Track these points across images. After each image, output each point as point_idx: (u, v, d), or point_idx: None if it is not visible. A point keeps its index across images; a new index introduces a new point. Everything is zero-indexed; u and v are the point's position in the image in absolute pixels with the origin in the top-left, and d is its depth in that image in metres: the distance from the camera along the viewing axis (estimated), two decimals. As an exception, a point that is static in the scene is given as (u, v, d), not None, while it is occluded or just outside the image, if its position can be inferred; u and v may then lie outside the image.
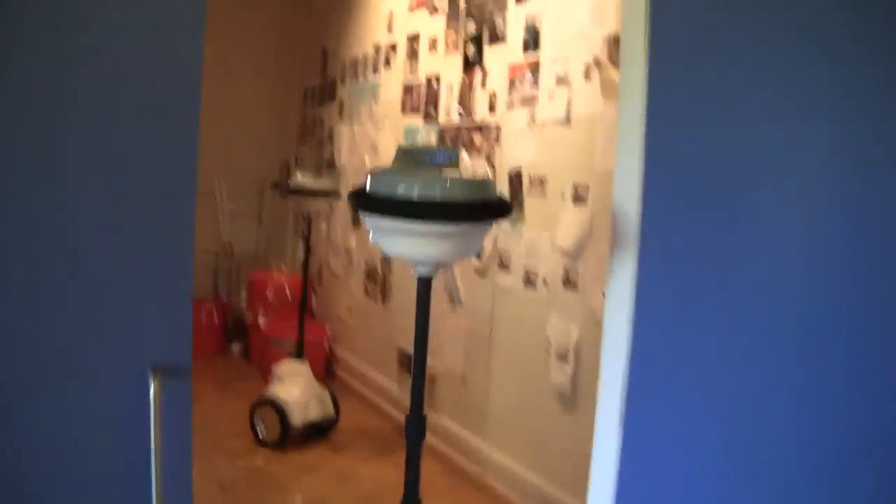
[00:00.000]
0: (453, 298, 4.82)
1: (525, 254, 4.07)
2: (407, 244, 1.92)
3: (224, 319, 7.85)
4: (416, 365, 2.28)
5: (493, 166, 4.42)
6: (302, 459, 4.92)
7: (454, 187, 1.83)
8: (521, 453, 4.23)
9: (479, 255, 4.52)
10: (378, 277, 5.92)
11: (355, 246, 6.42)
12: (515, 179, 4.19)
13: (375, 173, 1.95)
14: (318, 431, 5.34)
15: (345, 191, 6.63)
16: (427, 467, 4.96)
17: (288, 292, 7.05)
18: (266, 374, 6.24)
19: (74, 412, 1.48)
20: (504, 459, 4.31)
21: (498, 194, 2.00)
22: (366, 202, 1.90)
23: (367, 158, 6.20)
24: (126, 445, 1.45)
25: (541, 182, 4.03)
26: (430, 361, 5.13)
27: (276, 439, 5.02)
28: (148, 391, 1.39)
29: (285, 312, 7.03)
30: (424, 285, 2.14)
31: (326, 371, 6.79)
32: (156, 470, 1.39)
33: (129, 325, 1.48)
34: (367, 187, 1.94)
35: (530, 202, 4.06)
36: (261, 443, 5.12)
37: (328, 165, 7.17)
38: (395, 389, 5.59)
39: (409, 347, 5.33)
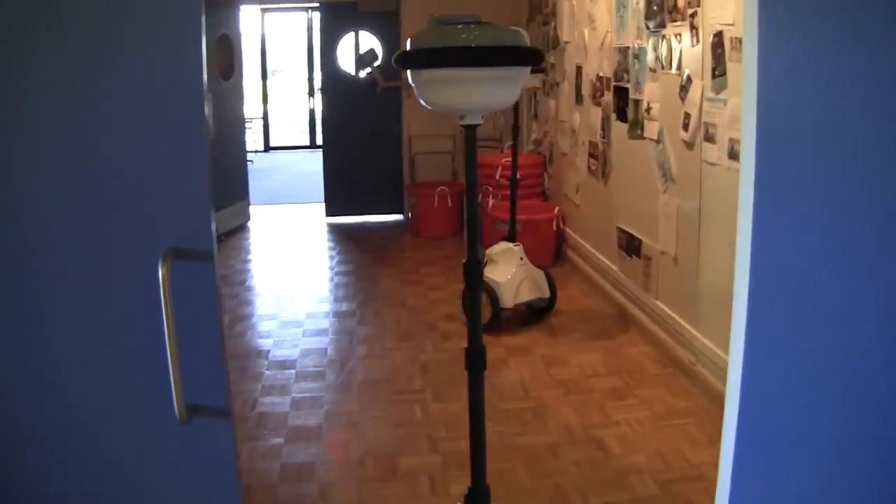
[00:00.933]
0: (665, 175, 4.58)
1: (728, 124, 3.75)
2: (448, 94, 2.20)
3: (458, 202, 8.03)
4: (469, 209, 2.52)
5: (694, 28, 4.08)
6: (513, 342, 4.99)
7: (481, 34, 2.10)
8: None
9: (685, 127, 4.24)
10: (598, 154, 5.76)
11: (579, 123, 6.25)
12: (717, 42, 3.84)
13: (414, 35, 2.18)
14: (535, 314, 5.38)
15: (569, 67, 6.47)
16: (639, 352, 4.91)
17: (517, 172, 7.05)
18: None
19: (93, 295, 1.55)
20: (714, 347, 4.10)
21: (529, 44, 2.18)
22: (407, 59, 2.18)
23: (585, 33, 5.95)
24: (147, 328, 1.50)
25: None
26: (645, 241, 4.99)
27: (488, 321, 5.12)
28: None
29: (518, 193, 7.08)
30: (470, 132, 2.31)
31: (557, 252, 6.79)
32: (171, 354, 1.43)
33: (144, 211, 1.50)
34: (408, 47, 2.17)
35: (732, 66, 3.71)
36: (474, 324, 5.26)
37: (553, 43, 6.97)
38: (616, 271, 5.48)
39: (629, 227, 5.17)
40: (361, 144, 8.81)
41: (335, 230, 8.53)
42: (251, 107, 16.31)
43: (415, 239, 7.96)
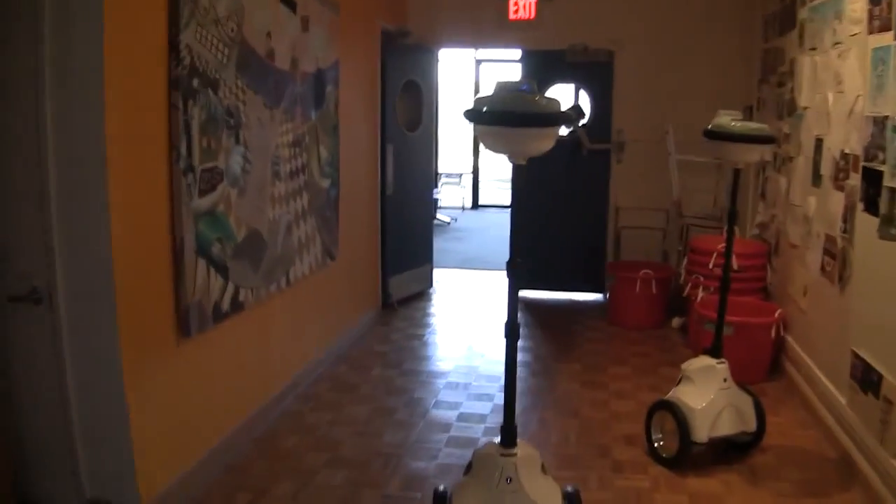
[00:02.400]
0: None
1: None
2: (496, 142, 2.94)
3: (666, 289, 7.11)
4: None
5: None
6: (701, 487, 4.04)
7: (518, 101, 2.79)
8: None
9: None
10: (836, 252, 4.71)
11: (814, 210, 5.22)
12: None
13: (478, 97, 2.82)
14: (735, 448, 4.40)
15: (806, 139, 5.47)
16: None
17: (734, 262, 6.07)
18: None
19: None
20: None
21: (561, 110, 2.84)
22: (476, 115, 2.79)
23: (829, 97, 4.95)
24: None
25: None
26: (888, 378, 3.91)
27: (674, 455, 4.21)
28: None
29: (734, 290, 6.10)
30: (518, 170, 3.10)
31: (772, 364, 5.73)
32: None
33: None
34: (474, 107, 2.81)
35: None
36: (656, 456, 4.36)
37: (788, 108, 5.98)
38: (844, 406, 4.39)
39: (868, 354, 4.09)
40: (562, 212, 8.09)
41: (524, 306, 7.81)
42: (460, 161, 16.15)
43: (610, 327, 7.09)
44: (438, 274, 8.86)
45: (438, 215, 13.78)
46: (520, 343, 6.34)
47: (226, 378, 4.32)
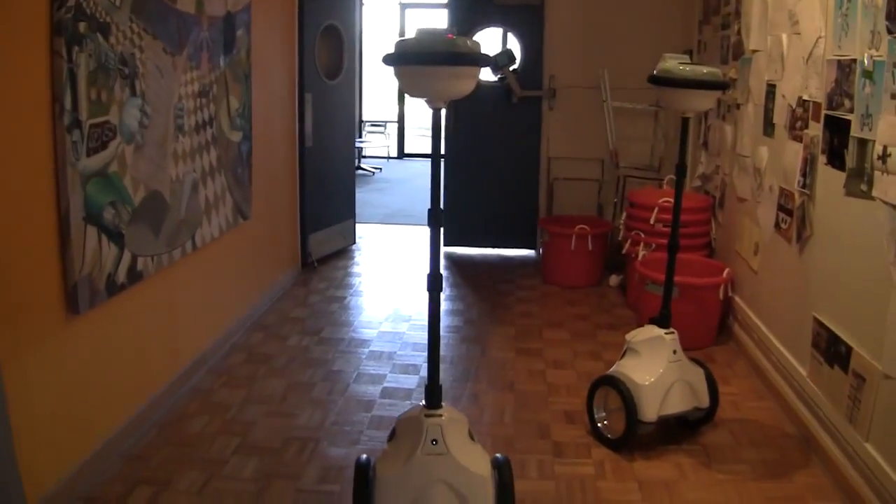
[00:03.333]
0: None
1: None
2: (417, 84, 2.80)
3: (603, 245, 6.71)
4: (433, 204, 3.12)
5: None
6: (650, 473, 3.64)
7: (441, 43, 2.68)
8: None
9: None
10: (794, 208, 4.33)
11: (766, 162, 4.84)
12: None
13: (399, 41, 2.74)
14: (685, 426, 4.03)
15: (755, 85, 5.06)
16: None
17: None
18: (641, 319, 5.07)
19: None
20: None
21: (481, 51, 2.74)
22: (394, 58, 2.71)
23: (783, 39, 4.54)
24: None
25: None
26: (858, 350, 3.55)
27: (619, 436, 3.82)
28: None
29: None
30: (437, 115, 2.87)
31: (720, 327, 5.38)
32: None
33: None
34: (395, 50, 2.72)
35: None
36: (599, 436, 3.96)
37: (734, 53, 5.57)
38: (805, 378, 4.04)
39: (833, 323, 3.71)
40: (491, 163, 7.62)
41: (452, 264, 7.36)
42: (385, 110, 15.54)
43: (544, 286, 6.67)
44: (362, 229, 8.33)
45: (362, 165, 13.20)
46: (448, 305, 6.00)
47: (125, 357, 3.80)
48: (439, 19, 13.74)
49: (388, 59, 2.70)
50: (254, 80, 5.26)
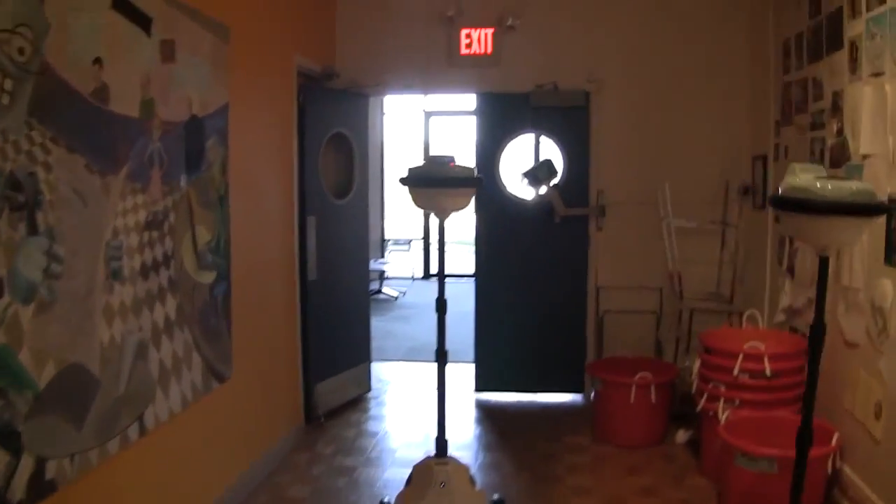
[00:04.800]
0: None
1: None
2: (425, 199, 3.72)
3: (668, 395, 5.61)
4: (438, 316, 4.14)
5: None
6: None
7: (438, 168, 3.61)
8: None
9: None
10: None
11: (893, 299, 3.80)
12: None
13: (411, 167, 3.68)
14: None
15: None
16: None
17: (768, 368, 4.61)
18: (727, 497, 4.02)
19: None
20: None
21: (473, 175, 3.68)
22: (404, 180, 3.62)
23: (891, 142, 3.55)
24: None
25: None
26: None
27: None
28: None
29: (766, 402, 4.64)
30: (441, 224, 3.85)
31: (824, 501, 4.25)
32: None
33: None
34: (408, 174, 3.64)
35: None
36: None
37: (832, 158, 4.58)
38: None
39: None
40: (530, 292, 6.61)
41: (485, 416, 6.27)
42: (410, 226, 14.66)
43: (597, 446, 5.53)
44: (381, 370, 7.32)
45: (384, 288, 12.24)
46: (482, 478, 4.86)
47: None
48: (466, 127, 13.01)
49: (403, 181, 3.51)
50: (233, 202, 4.32)
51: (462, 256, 16.54)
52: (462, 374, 7.04)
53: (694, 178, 6.29)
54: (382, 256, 13.26)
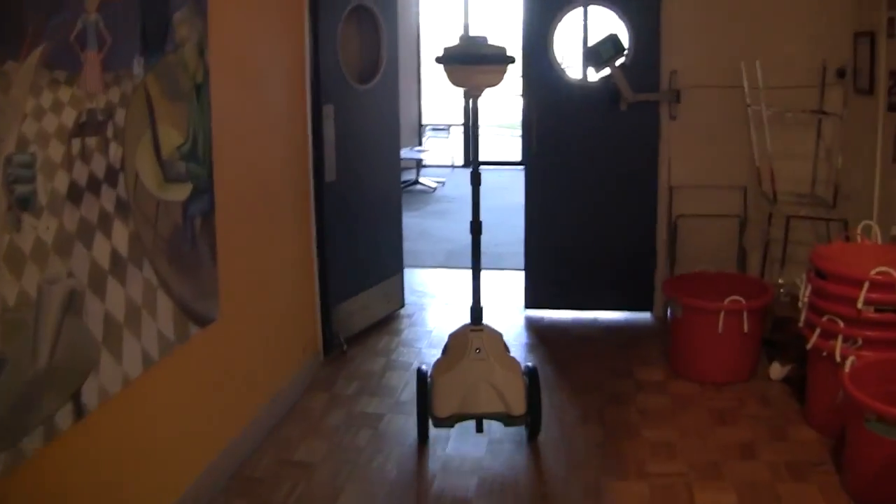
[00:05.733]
0: None
1: None
2: (457, 76, 3.65)
3: (761, 320, 4.65)
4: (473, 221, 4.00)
5: None
6: None
7: (473, 46, 3.64)
8: None
9: None
10: None
11: None
12: None
13: (447, 46, 3.65)
14: None
15: None
16: None
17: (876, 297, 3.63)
18: (854, 465, 3.22)
19: None
20: None
21: (505, 53, 3.62)
22: (439, 59, 3.61)
23: None
24: None
25: None
26: None
27: None
28: None
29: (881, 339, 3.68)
30: (475, 103, 3.77)
31: None
32: None
33: None
34: (443, 53, 3.62)
35: None
36: None
37: None
38: None
39: None
40: (590, 193, 5.60)
41: (538, 340, 5.35)
42: (449, 111, 13.55)
43: (677, 382, 4.60)
44: (413, 279, 6.42)
45: (421, 178, 11.26)
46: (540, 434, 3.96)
47: None
48: (509, 7, 11.79)
49: (437, 60, 3.63)
50: (216, 92, 3.30)
51: (507, 142, 15.51)
52: (511, 284, 6.11)
53: (784, 57, 5.16)
54: (420, 144, 12.24)
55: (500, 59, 3.59)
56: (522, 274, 5.84)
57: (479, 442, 3.91)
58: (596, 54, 5.04)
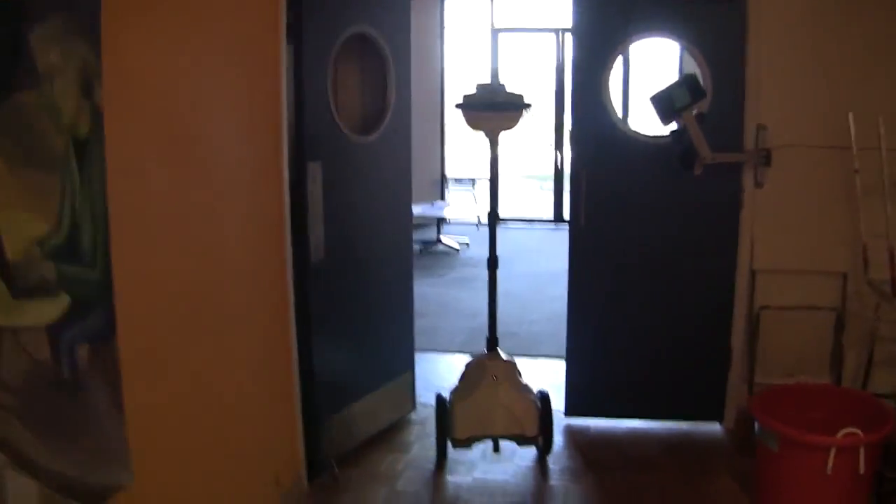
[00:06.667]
0: None
1: None
2: (482, 121, 3.88)
3: (878, 456, 3.46)
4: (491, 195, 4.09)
5: None
6: None
7: (489, 94, 3.81)
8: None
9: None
10: None
11: None
12: None
13: (465, 95, 3.83)
14: None
15: None
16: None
17: None
18: None
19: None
20: None
21: (521, 100, 3.83)
22: (459, 105, 3.83)
23: None
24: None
25: None
26: None
27: None
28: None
29: None
30: (494, 144, 3.96)
31: None
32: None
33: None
34: (462, 100, 3.84)
35: None
36: None
37: None
38: None
39: None
40: (650, 276, 4.45)
41: (580, 458, 4.19)
42: (474, 163, 12.42)
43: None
44: (429, 369, 5.29)
45: (443, 238, 10.14)
46: None
47: None
48: (542, 47, 10.80)
49: (458, 106, 3.81)
50: (115, 150, 2.15)
51: (535, 195, 14.44)
52: (549, 379, 4.94)
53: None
54: (442, 198, 11.14)
55: (515, 106, 3.81)
56: (561, 364, 4.70)
57: None
58: (667, 101, 3.90)
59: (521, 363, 4.33)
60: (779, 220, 4.27)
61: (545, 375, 5.09)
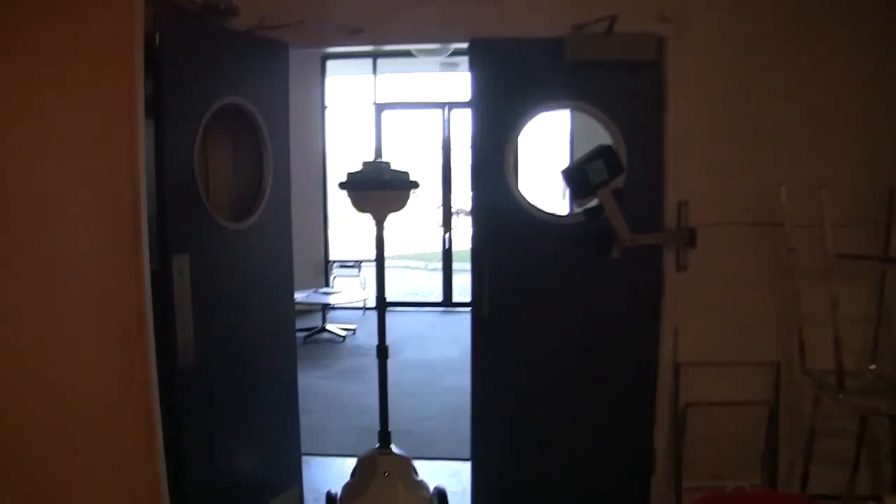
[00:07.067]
0: None
1: None
2: (361, 201, 3.55)
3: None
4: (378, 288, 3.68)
5: None
6: None
7: (372, 172, 3.52)
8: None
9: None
10: None
11: None
12: None
13: (350, 172, 3.51)
14: None
15: None
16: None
17: None
18: None
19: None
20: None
21: (409, 178, 3.53)
22: (343, 184, 3.49)
23: None
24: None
25: None
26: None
27: None
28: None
29: None
30: (380, 226, 3.58)
31: None
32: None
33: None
34: (346, 178, 3.50)
35: None
36: None
37: None
38: None
39: None
40: (563, 374, 4.00)
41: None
42: (357, 246, 11.92)
43: None
44: (319, 472, 4.70)
45: (328, 325, 9.51)
46: None
47: None
48: (428, 122, 10.45)
49: (340, 185, 3.53)
50: None
51: (421, 278, 14.00)
52: (446, 480, 4.38)
53: (835, 181, 3.74)
54: (326, 284, 10.56)
55: (402, 185, 3.53)
56: (463, 466, 4.20)
57: None
58: (581, 176, 3.47)
59: (419, 465, 3.83)
60: (704, 307, 3.88)
61: (446, 480, 4.53)
